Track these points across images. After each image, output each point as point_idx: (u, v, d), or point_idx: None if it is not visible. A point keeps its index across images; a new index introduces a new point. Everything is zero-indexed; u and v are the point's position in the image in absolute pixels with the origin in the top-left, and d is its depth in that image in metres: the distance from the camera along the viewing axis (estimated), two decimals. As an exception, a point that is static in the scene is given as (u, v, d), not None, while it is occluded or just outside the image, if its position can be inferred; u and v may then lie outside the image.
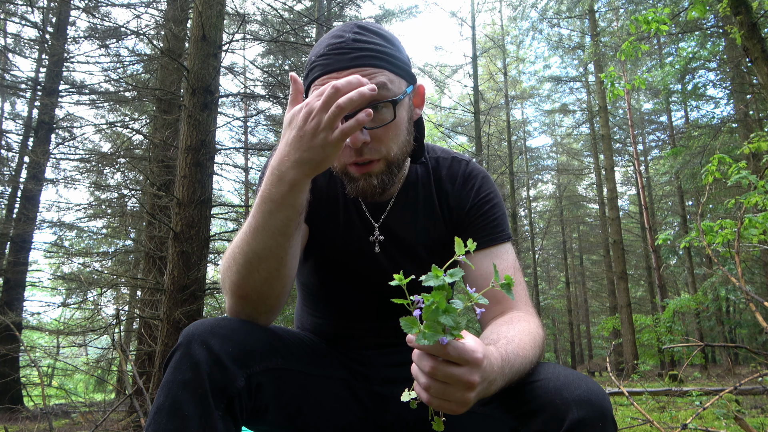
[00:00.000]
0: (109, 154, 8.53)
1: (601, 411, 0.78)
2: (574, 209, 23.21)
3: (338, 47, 0.96)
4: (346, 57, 0.95)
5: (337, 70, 0.95)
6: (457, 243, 0.76)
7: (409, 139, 1.05)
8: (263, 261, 0.89)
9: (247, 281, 0.91)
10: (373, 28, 1.01)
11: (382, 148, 0.98)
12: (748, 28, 4.10)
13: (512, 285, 0.76)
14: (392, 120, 0.97)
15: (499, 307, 1.03)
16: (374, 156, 0.98)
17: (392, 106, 0.97)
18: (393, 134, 0.99)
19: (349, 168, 1.00)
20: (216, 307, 7.56)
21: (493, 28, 19.65)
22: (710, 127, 12.11)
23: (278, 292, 0.94)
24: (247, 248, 0.89)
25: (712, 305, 13.46)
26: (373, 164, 0.99)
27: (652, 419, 2.84)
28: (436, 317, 0.69)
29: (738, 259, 3.12)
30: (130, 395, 4.00)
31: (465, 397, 0.71)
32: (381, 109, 0.96)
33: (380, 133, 0.97)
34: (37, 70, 11.04)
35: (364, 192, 1.01)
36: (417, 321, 0.70)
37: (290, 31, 7.68)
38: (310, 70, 1.00)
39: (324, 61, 0.97)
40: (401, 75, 1.01)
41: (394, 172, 1.02)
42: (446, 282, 0.70)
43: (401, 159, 1.03)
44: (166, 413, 0.79)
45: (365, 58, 0.96)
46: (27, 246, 9.89)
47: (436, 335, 0.68)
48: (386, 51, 0.99)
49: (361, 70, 0.95)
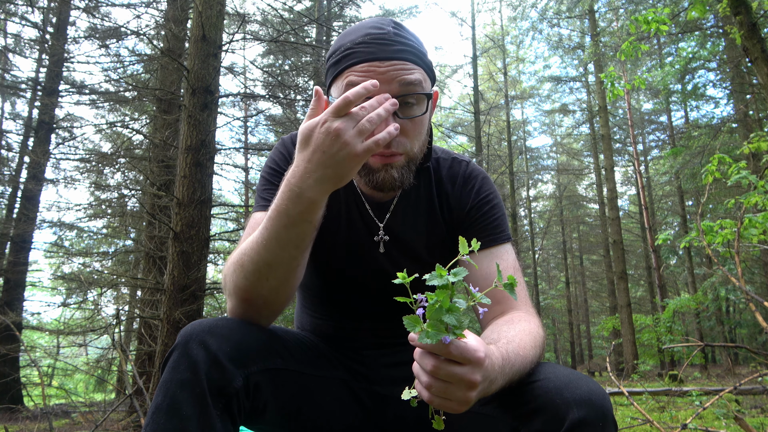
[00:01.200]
0: (109, 154, 8.53)
1: (602, 411, 0.78)
2: (574, 209, 23.21)
3: (380, 38, 0.98)
4: (389, 48, 0.98)
5: (380, 60, 0.97)
6: (461, 242, 0.76)
7: (426, 140, 1.07)
8: (273, 271, 0.89)
9: (255, 288, 0.91)
10: (407, 27, 1.04)
11: (407, 143, 1.00)
12: (748, 28, 4.10)
13: (515, 285, 0.76)
14: (423, 114, 1.01)
15: (500, 307, 1.03)
16: (398, 149, 0.99)
17: (426, 100, 1.01)
18: (418, 130, 1.02)
19: (370, 158, 1.00)
20: (216, 307, 7.56)
21: (493, 28, 19.67)
22: (710, 127, 12.11)
23: (284, 298, 0.95)
24: (258, 258, 0.89)
25: (712, 305, 13.46)
26: (396, 157, 1.00)
27: (652, 419, 2.84)
28: (440, 316, 0.69)
29: (738, 259, 3.12)
30: (130, 395, 4.00)
31: (466, 396, 0.71)
32: (415, 102, 0.99)
33: (408, 127, 1.00)
34: (37, 70, 11.04)
35: (383, 184, 1.01)
36: (420, 320, 0.71)
37: (290, 31, 7.68)
38: (344, 56, 1.00)
39: (365, 49, 0.98)
40: (429, 77, 1.04)
41: (412, 168, 1.04)
42: (450, 281, 0.70)
43: (419, 158, 1.05)
44: (165, 413, 0.79)
45: (406, 53, 0.99)
46: (27, 246, 9.89)
47: (439, 334, 0.68)
48: (422, 51, 1.03)
49: (402, 64, 0.97)
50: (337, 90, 1.01)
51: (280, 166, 1.11)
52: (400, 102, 0.98)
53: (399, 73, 0.97)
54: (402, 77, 0.97)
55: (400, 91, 0.97)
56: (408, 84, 0.97)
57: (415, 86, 0.98)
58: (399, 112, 0.98)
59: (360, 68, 0.97)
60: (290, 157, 1.12)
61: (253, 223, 1.05)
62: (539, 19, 15.70)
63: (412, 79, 0.97)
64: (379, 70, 0.96)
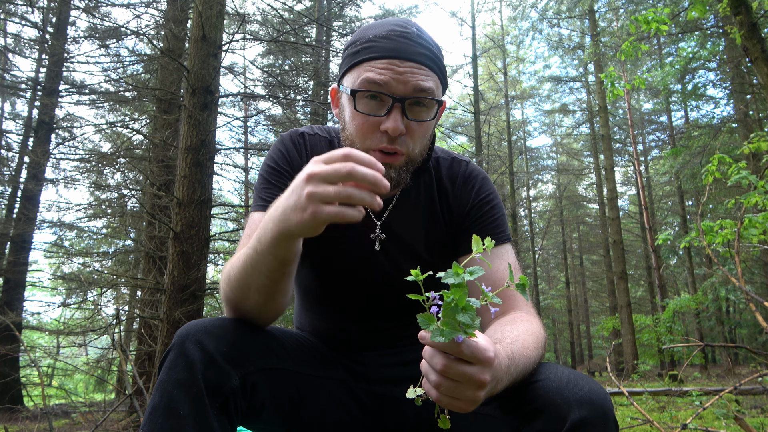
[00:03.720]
0: (109, 154, 8.53)
1: (603, 411, 0.78)
2: (574, 209, 23.22)
3: (403, 36, 0.99)
4: (410, 49, 0.98)
5: (400, 59, 0.97)
6: (475, 241, 0.76)
7: (428, 144, 1.08)
8: (254, 292, 0.90)
9: (241, 301, 0.92)
10: (428, 33, 1.05)
11: (410, 144, 1.01)
12: (748, 28, 4.10)
13: (527, 286, 0.76)
14: (431, 120, 1.02)
15: (501, 307, 1.03)
16: (401, 149, 1.00)
17: (436, 107, 1.02)
18: (423, 134, 1.03)
19: (371, 153, 1.00)
20: (216, 307, 7.57)
21: (493, 28, 19.68)
22: (710, 127, 12.12)
23: (273, 313, 0.95)
24: (240, 276, 0.89)
25: (712, 305, 13.46)
26: (397, 156, 1.00)
27: (652, 419, 2.84)
28: (455, 315, 0.68)
29: (738, 259, 3.12)
30: (130, 395, 4.00)
31: (475, 395, 0.71)
32: (425, 107, 1.00)
33: (414, 128, 1.00)
34: (37, 70, 11.04)
35: None
36: (434, 317, 0.70)
37: (290, 31, 7.68)
38: (364, 48, 1.00)
39: (387, 45, 0.98)
40: (442, 84, 1.05)
41: (410, 169, 1.04)
42: (465, 279, 0.70)
43: (418, 161, 1.06)
44: (162, 413, 0.79)
45: (425, 57, 0.99)
46: (27, 246, 9.89)
47: (453, 332, 0.68)
48: (440, 58, 1.04)
49: (419, 67, 0.98)
50: (351, 80, 1.01)
51: (280, 164, 1.10)
52: (411, 104, 0.99)
53: (416, 77, 0.97)
54: (418, 81, 0.97)
55: (414, 94, 0.97)
56: (422, 89, 0.98)
57: (428, 92, 0.98)
58: (408, 113, 0.98)
59: (379, 64, 0.98)
60: (289, 156, 1.12)
61: (251, 223, 1.04)
62: (539, 19, 15.71)
63: (427, 85, 0.98)
64: (398, 69, 0.97)
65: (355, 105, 0.99)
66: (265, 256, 0.84)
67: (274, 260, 0.84)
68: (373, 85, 0.97)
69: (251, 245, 0.87)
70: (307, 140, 1.15)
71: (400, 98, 0.96)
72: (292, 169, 1.10)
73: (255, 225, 1.03)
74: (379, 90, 0.97)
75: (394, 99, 0.96)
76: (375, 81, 0.97)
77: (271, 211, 0.84)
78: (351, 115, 1.01)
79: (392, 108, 0.97)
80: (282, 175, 1.09)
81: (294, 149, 1.13)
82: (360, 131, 1.00)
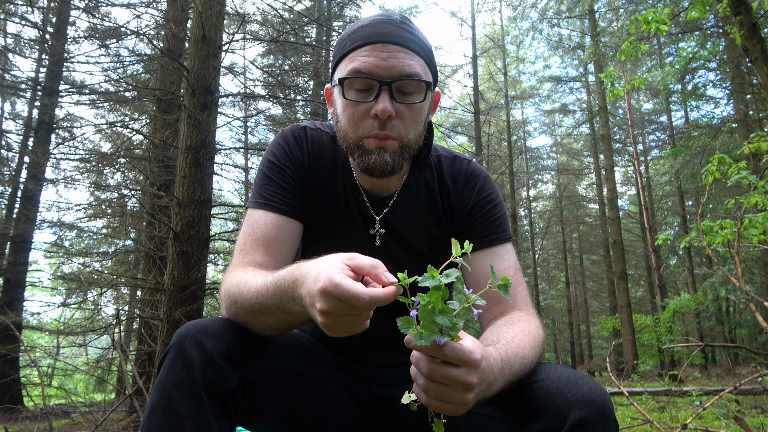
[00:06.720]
0: (109, 154, 8.53)
1: (603, 411, 0.78)
2: (574, 209, 23.20)
3: (387, 22, 1.00)
4: (393, 33, 0.99)
5: (384, 42, 0.98)
6: (453, 244, 0.75)
7: (422, 132, 1.07)
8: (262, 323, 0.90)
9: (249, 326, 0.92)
10: (414, 23, 1.06)
11: (401, 128, 1.00)
12: (748, 28, 4.10)
13: (509, 286, 0.75)
14: (420, 102, 1.01)
15: (500, 307, 1.03)
16: (393, 133, 1.00)
17: (425, 88, 1.01)
18: (414, 118, 1.02)
19: (365, 140, 1.00)
20: (216, 307, 7.57)
21: (493, 28, 19.67)
22: (710, 127, 12.11)
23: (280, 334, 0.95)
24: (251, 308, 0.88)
25: (712, 305, 13.46)
26: (389, 141, 1.00)
27: (652, 419, 2.84)
28: (433, 317, 0.68)
29: (738, 259, 3.12)
30: (130, 395, 4.00)
31: (463, 398, 0.71)
32: (414, 88, 1.00)
33: (404, 112, 1.00)
34: (37, 70, 11.04)
35: (374, 167, 1.01)
36: (414, 321, 0.70)
37: (290, 31, 7.68)
38: (350, 39, 1.02)
39: (370, 31, 1.00)
40: (431, 70, 1.05)
41: (405, 156, 1.03)
42: (442, 282, 0.69)
43: (413, 147, 1.05)
44: (161, 413, 0.78)
45: (408, 41, 1.00)
46: (27, 246, 9.89)
47: (432, 335, 0.67)
48: (425, 44, 1.04)
49: (403, 51, 0.99)
50: (340, 73, 1.02)
51: (280, 160, 1.09)
52: (398, 87, 0.99)
53: (400, 60, 0.98)
54: (402, 63, 0.98)
55: (400, 76, 0.98)
56: (408, 72, 0.98)
57: (414, 75, 0.98)
58: (396, 96, 0.99)
59: (363, 51, 0.98)
60: (290, 151, 1.11)
61: (251, 221, 1.03)
62: (539, 19, 15.71)
63: (412, 67, 0.98)
64: (382, 54, 0.97)
65: (344, 94, 1.00)
66: (282, 314, 0.85)
67: (290, 316, 0.85)
68: (359, 72, 0.97)
69: (269, 288, 0.84)
70: (309, 134, 1.14)
71: (386, 81, 0.97)
72: (293, 164, 1.09)
73: (254, 223, 1.02)
74: (365, 76, 0.97)
75: (381, 82, 0.97)
76: (360, 69, 0.97)
77: (293, 286, 0.79)
78: (342, 106, 1.02)
79: (380, 91, 0.97)
80: (283, 171, 1.08)
81: (295, 144, 1.12)
82: (352, 120, 1.00)
